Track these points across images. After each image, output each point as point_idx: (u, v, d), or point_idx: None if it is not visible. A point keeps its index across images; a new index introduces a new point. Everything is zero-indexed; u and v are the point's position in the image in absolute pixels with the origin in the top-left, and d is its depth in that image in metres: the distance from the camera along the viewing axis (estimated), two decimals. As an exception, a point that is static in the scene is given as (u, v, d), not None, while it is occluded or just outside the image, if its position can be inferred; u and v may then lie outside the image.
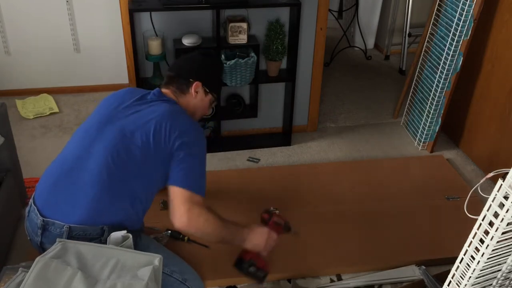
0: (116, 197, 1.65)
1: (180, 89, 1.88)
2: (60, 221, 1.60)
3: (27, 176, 2.52)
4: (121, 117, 1.75)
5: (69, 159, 1.71)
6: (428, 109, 2.93)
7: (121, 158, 1.66)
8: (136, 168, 1.68)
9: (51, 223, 1.61)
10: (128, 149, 1.68)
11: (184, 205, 1.67)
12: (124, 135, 1.69)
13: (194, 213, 1.68)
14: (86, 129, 1.77)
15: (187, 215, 1.67)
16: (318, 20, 2.82)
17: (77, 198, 1.62)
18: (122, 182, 1.66)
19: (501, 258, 1.41)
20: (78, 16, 3.27)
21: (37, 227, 1.63)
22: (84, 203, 1.62)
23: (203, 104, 1.93)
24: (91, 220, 1.61)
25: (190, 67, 1.94)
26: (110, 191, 1.64)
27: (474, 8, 2.56)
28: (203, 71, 1.93)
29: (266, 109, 3.03)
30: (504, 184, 1.24)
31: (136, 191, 1.69)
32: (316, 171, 2.73)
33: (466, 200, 1.41)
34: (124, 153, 1.67)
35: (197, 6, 2.50)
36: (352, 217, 2.36)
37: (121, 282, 1.37)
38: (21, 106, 3.26)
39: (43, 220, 1.61)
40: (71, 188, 1.64)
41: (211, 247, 2.14)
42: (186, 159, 1.72)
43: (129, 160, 1.67)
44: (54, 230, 1.60)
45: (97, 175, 1.63)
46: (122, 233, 1.55)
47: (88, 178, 1.64)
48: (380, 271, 2.10)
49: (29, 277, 1.35)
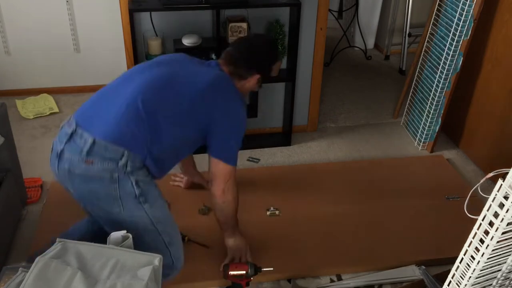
0: (141, 126, 1.69)
1: (239, 74, 1.95)
2: (88, 132, 1.67)
3: (27, 176, 2.53)
4: (176, 65, 1.88)
5: (114, 84, 1.85)
6: (428, 109, 2.93)
7: (161, 95, 1.75)
8: (170, 111, 1.75)
9: (80, 133, 1.68)
10: (171, 91, 1.77)
11: (224, 182, 1.87)
12: (173, 78, 1.80)
13: (229, 188, 1.89)
14: (140, 66, 1.91)
15: (223, 191, 1.89)
16: (318, 20, 2.82)
17: (109, 115, 1.70)
18: (151, 116, 1.71)
19: (501, 258, 1.41)
20: (78, 16, 3.27)
21: (66, 135, 1.71)
22: (113, 121, 1.68)
23: (252, 85, 2.01)
24: (115, 139, 1.66)
25: (255, 58, 2.00)
26: (139, 119, 1.69)
27: (474, 8, 2.56)
28: (266, 64, 2.03)
29: (266, 109, 3.03)
30: (504, 184, 1.24)
31: (161, 133, 1.73)
32: (316, 171, 2.73)
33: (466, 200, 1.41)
34: (166, 92, 1.76)
35: (197, 6, 2.50)
36: (352, 217, 2.36)
37: (121, 282, 1.37)
38: (21, 106, 3.26)
39: (74, 129, 1.69)
40: (106, 106, 1.75)
41: (211, 247, 2.14)
42: (226, 132, 1.85)
43: (167, 100, 1.76)
44: (80, 140, 1.67)
45: (132, 99, 1.71)
46: (122, 233, 1.55)
47: (123, 100, 1.72)
48: (380, 271, 2.10)
49: (29, 277, 1.35)
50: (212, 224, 2.28)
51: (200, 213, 2.34)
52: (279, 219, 2.34)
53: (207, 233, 2.22)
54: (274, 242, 2.19)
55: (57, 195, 2.44)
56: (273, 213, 2.35)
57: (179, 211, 2.35)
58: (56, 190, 2.48)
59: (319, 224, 2.31)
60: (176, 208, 2.36)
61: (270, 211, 2.35)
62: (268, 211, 2.35)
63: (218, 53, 2.63)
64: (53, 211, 2.34)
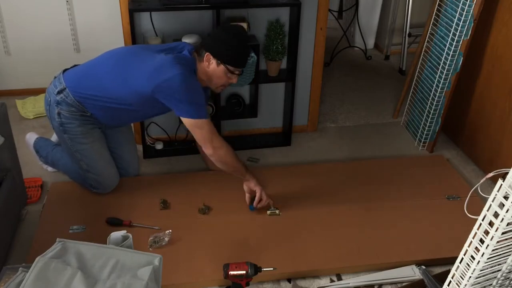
0: (91, 81, 2.28)
1: (199, 58, 2.23)
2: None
3: (27, 176, 2.53)
4: (141, 51, 2.27)
5: None
6: (428, 109, 2.93)
7: (119, 63, 2.25)
8: (117, 80, 2.22)
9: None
10: (135, 58, 2.24)
11: (209, 141, 2.18)
12: (137, 54, 2.26)
13: (217, 145, 2.20)
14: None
15: (214, 149, 2.19)
16: (318, 20, 2.82)
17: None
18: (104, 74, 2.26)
19: (501, 258, 1.41)
20: (78, 16, 3.27)
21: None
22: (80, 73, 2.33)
23: (217, 73, 2.22)
24: (66, 78, 2.29)
25: (209, 39, 2.23)
26: (93, 74, 2.30)
27: (474, 8, 2.56)
28: (216, 44, 2.19)
29: (266, 109, 3.03)
30: (504, 184, 1.24)
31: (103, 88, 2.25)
32: (316, 171, 2.73)
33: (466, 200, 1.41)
34: (129, 58, 2.25)
35: (197, 6, 2.50)
36: (352, 217, 2.36)
37: (121, 282, 1.37)
38: (21, 106, 3.26)
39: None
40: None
41: (211, 248, 2.14)
42: (175, 99, 2.15)
43: (119, 71, 2.23)
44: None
45: (99, 60, 2.34)
46: (122, 233, 1.56)
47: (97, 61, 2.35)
48: (380, 271, 2.10)
49: (29, 277, 1.35)
50: (212, 223, 2.28)
51: (200, 213, 2.34)
52: (279, 218, 2.34)
53: (207, 233, 2.22)
54: (274, 241, 2.19)
55: (57, 195, 2.44)
56: (273, 212, 2.35)
57: (179, 211, 2.35)
58: (56, 190, 2.48)
59: (319, 224, 2.31)
60: (176, 208, 2.36)
61: (270, 211, 2.35)
62: (268, 211, 2.35)
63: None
64: (53, 211, 2.34)
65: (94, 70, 2.30)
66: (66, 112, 2.27)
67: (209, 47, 2.19)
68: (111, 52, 2.34)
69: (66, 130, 2.30)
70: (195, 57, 2.23)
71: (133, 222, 2.24)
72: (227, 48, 2.18)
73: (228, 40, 2.19)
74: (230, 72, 2.22)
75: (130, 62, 2.23)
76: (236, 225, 2.28)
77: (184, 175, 2.65)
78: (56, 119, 2.29)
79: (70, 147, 2.34)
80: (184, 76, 2.11)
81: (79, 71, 2.33)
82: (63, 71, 2.35)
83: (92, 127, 2.35)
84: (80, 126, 2.30)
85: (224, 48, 2.18)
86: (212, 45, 2.19)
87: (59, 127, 2.30)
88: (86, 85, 2.27)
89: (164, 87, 2.12)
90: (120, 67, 2.23)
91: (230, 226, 2.27)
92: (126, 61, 2.25)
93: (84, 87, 2.26)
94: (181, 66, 2.13)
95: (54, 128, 2.37)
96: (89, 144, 2.35)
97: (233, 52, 2.20)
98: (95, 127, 2.37)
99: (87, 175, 2.39)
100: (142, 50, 2.28)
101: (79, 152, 2.34)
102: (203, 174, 2.67)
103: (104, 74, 2.26)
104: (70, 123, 2.28)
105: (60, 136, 2.38)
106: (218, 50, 2.18)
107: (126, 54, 2.29)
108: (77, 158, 2.36)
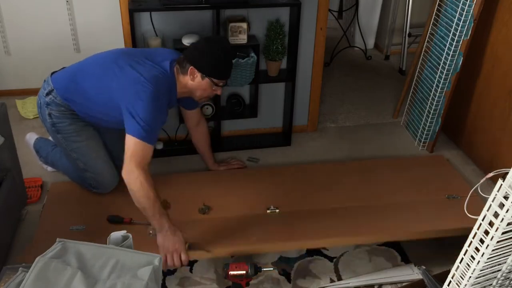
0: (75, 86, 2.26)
1: (182, 70, 2.17)
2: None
3: (27, 176, 2.53)
4: (131, 57, 2.19)
5: None
6: (428, 109, 2.93)
7: (99, 69, 2.23)
8: (96, 88, 2.22)
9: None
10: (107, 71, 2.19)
11: (130, 158, 1.98)
12: (120, 66, 2.17)
13: (134, 174, 1.96)
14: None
15: (128, 174, 1.98)
16: (318, 20, 2.82)
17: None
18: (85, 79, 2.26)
19: (501, 258, 1.41)
20: (78, 16, 3.27)
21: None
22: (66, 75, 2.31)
23: (202, 86, 2.18)
24: (54, 80, 2.31)
25: (191, 53, 2.17)
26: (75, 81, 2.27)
27: (474, 8, 2.56)
28: (200, 57, 2.13)
29: (266, 109, 3.03)
30: (504, 184, 1.24)
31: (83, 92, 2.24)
32: (316, 171, 2.73)
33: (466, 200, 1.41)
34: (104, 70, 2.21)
35: (197, 6, 2.50)
36: (351, 217, 2.36)
37: (121, 282, 1.37)
38: (21, 106, 3.26)
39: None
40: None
41: (211, 251, 2.14)
42: (127, 108, 2.05)
43: (100, 76, 2.20)
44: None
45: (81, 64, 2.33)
46: (122, 233, 1.56)
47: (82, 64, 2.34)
48: (380, 271, 2.10)
49: (29, 277, 1.35)
50: (212, 223, 2.28)
51: (200, 213, 2.34)
52: (279, 218, 2.33)
53: (207, 233, 2.22)
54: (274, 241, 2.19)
55: (57, 195, 2.44)
56: (273, 211, 2.35)
57: (179, 211, 2.35)
58: (56, 190, 2.48)
59: (319, 224, 2.30)
60: (176, 208, 2.36)
61: (270, 210, 2.35)
62: (268, 210, 2.35)
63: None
64: (53, 211, 2.34)
65: (81, 76, 2.27)
66: (56, 112, 2.28)
67: (193, 61, 2.13)
68: (97, 57, 2.31)
69: (59, 130, 2.31)
70: (177, 69, 2.18)
71: (133, 220, 2.25)
72: (212, 62, 2.14)
73: (213, 53, 2.14)
74: (215, 85, 2.19)
75: (114, 74, 2.16)
76: (236, 225, 2.28)
77: (184, 175, 2.65)
78: (48, 120, 2.30)
79: (65, 147, 2.35)
80: (154, 95, 2.06)
81: (65, 75, 2.32)
82: (51, 74, 2.36)
83: (84, 124, 2.35)
84: (71, 124, 2.31)
85: (208, 61, 2.13)
86: (196, 59, 2.13)
87: (52, 127, 2.31)
88: (72, 90, 2.27)
89: (131, 99, 2.06)
90: (103, 81, 2.20)
91: (230, 226, 2.27)
92: (109, 71, 2.18)
93: (70, 92, 2.27)
94: (156, 84, 2.07)
95: (48, 130, 2.38)
96: (84, 142, 2.34)
97: (219, 65, 2.16)
98: (87, 124, 2.36)
99: (86, 174, 2.38)
100: (125, 60, 2.18)
101: (74, 151, 2.34)
102: (203, 174, 2.67)
103: (88, 87, 2.24)
104: (61, 122, 2.29)
105: (54, 137, 2.39)
106: (203, 64, 2.13)
107: (111, 62, 2.21)
108: (73, 158, 2.36)
